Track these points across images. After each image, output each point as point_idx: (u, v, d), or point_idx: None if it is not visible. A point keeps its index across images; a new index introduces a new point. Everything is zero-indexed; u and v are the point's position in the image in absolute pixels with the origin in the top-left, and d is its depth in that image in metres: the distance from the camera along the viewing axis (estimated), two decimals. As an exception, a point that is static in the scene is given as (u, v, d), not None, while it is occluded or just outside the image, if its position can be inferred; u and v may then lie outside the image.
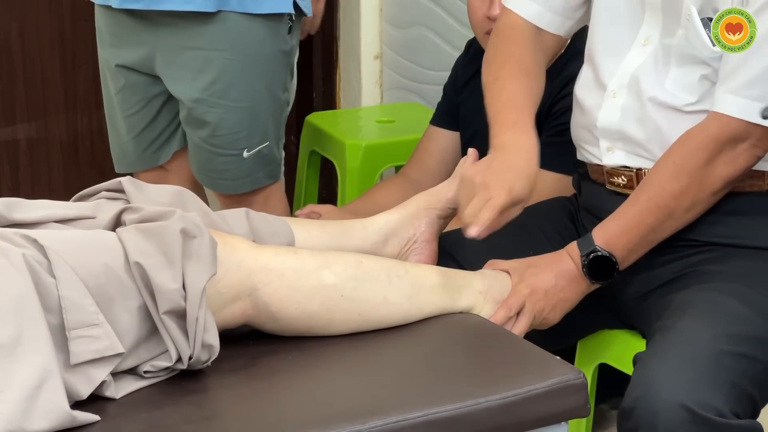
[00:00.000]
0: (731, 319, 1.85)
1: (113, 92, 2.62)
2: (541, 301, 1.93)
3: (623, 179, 2.05)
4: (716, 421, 1.73)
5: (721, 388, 1.76)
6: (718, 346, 1.80)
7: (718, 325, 1.83)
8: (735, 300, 1.88)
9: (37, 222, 1.71)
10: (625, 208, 1.96)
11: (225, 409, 1.64)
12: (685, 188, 1.93)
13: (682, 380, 1.75)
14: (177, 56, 2.47)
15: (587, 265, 1.94)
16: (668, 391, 1.74)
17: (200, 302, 1.63)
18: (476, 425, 1.61)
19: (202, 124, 2.49)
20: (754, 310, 1.87)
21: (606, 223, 1.97)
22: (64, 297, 1.56)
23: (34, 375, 1.50)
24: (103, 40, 2.61)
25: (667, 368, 1.77)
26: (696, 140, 1.92)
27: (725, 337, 1.81)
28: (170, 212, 1.70)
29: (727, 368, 1.78)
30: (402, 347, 1.82)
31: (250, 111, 2.49)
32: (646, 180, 1.96)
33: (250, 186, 2.57)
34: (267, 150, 2.54)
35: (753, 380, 1.81)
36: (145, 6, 2.44)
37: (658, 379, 1.76)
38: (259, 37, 2.45)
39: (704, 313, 1.86)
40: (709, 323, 1.84)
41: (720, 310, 1.86)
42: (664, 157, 1.95)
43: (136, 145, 2.64)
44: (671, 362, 1.78)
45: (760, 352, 1.83)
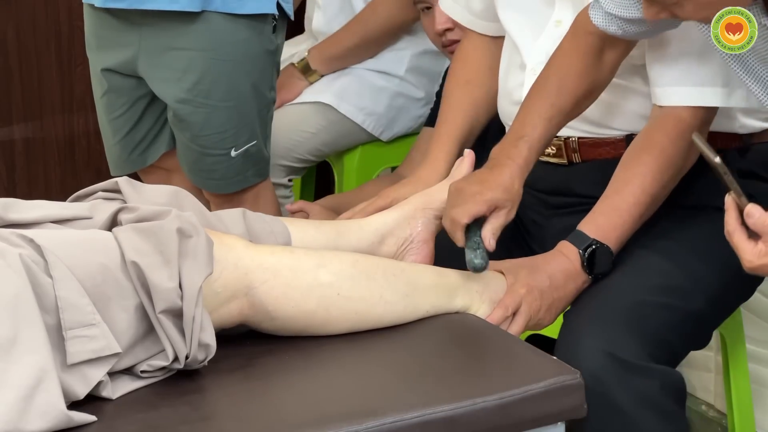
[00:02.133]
0: (653, 272, 1.97)
1: (99, 96, 2.62)
2: (537, 301, 1.93)
3: (552, 149, 2.18)
4: (636, 364, 1.84)
5: (640, 335, 1.87)
6: (638, 297, 1.92)
7: (639, 278, 1.95)
8: (658, 255, 1.99)
9: (33, 222, 1.71)
10: (616, 202, 1.99)
11: (221, 410, 1.63)
12: (674, 176, 2.01)
13: (602, 328, 1.86)
14: (160, 57, 2.47)
15: (587, 259, 1.96)
16: (589, 338, 1.85)
17: (197, 301, 1.63)
18: (473, 426, 1.61)
19: (188, 124, 2.49)
20: (675, 263, 1.98)
21: (596, 217, 1.99)
22: (61, 297, 1.56)
23: (30, 375, 1.50)
24: (90, 43, 2.61)
25: (589, 318, 1.89)
26: (676, 130, 1.98)
27: (646, 288, 1.94)
28: (166, 211, 1.70)
29: (646, 316, 1.90)
30: (398, 348, 1.82)
31: (236, 110, 2.49)
32: (637, 173, 1.99)
33: (240, 185, 2.57)
34: (255, 149, 2.53)
35: (672, 328, 1.93)
36: (127, 5, 2.43)
37: (579, 329, 1.88)
38: (242, 36, 2.45)
39: (629, 269, 1.98)
40: (632, 277, 1.96)
41: (643, 264, 1.98)
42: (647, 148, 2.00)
43: (122, 147, 2.64)
44: (593, 313, 1.90)
45: (680, 301, 1.94)
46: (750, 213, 1.68)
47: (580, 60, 2.01)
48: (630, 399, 1.84)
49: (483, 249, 1.90)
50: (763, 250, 1.68)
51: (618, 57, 2.03)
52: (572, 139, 2.16)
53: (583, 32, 2.00)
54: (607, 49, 2.01)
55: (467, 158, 2.08)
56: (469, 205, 1.91)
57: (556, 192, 2.22)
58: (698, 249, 2.02)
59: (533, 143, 1.98)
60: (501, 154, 1.98)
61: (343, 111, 3.06)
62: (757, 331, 2.65)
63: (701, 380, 2.86)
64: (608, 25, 1.96)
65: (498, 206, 1.93)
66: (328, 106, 3.06)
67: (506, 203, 1.93)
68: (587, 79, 2.02)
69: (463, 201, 1.92)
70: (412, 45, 3.08)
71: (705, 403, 2.86)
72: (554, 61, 2.04)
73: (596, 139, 2.16)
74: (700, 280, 1.99)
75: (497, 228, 1.93)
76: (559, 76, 2.01)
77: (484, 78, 2.33)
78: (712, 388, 2.83)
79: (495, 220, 1.93)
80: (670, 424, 1.89)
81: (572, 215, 2.14)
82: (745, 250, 1.70)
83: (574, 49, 2.01)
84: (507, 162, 1.96)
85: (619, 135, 2.15)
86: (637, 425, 1.85)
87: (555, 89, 2.01)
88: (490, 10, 2.30)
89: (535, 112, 2.00)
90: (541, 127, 1.99)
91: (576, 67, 2.01)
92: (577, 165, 2.18)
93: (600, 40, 2.00)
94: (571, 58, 2.01)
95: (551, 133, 2.02)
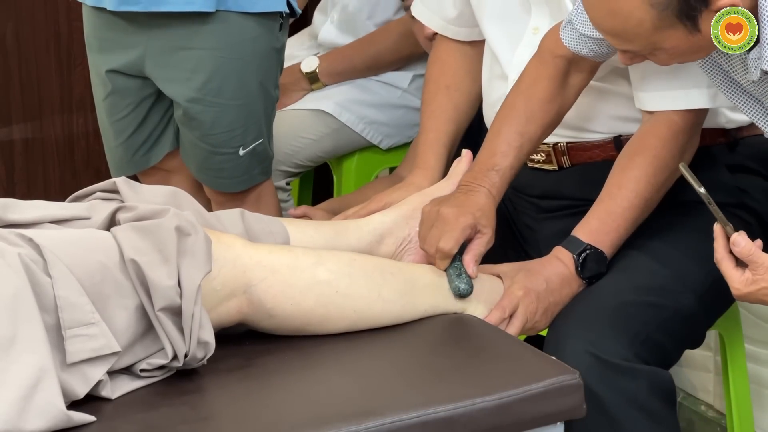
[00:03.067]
0: (639, 272, 1.98)
1: (101, 98, 2.61)
2: (533, 304, 1.93)
3: (541, 155, 2.19)
4: (621, 365, 1.85)
5: (625, 335, 1.88)
6: (622, 297, 1.93)
7: (625, 279, 1.96)
8: (646, 255, 2.00)
9: (32, 222, 1.71)
10: (610, 207, 2.00)
11: (221, 410, 1.64)
12: (668, 179, 2.02)
13: (586, 329, 1.88)
14: (170, 57, 2.46)
15: (582, 263, 1.96)
16: (574, 340, 1.86)
17: (196, 299, 1.63)
18: (472, 426, 1.61)
19: (198, 123, 2.49)
20: (662, 263, 1.99)
21: (590, 222, 2.00)
22: (60, 296, 1.56)
23: (29, 374, 1.50)
24: (91, 45, 2.59)
25: (574, 320, 1.90)
26: (668, 132, 2.00)
27: (631, 288, 1.95)
28: (165, 210, 1.70)
29: (631, 316, 1.91)
30: (397, 348, 1.82)
31: (245, 109, 2.49)
32: (630, 177, 2.00)
33: (247, 183, 2.57)
34: (261, 147, 2.54)
35: (660, 327, 1.93)
36: (143, 8, 2.42)
37: (565, 331, 1.89)
38: (253, 35, 2.45)
39: (616, 269, 1.99)
40: (618, 277, 1.97)
41: (630, 265, 1.99)
42: (641, 151, 2.01)
43: (125, 149, 2.63)
44: (578, 314, 1.91)
45: (667, 300, 1.95)
46: (735, 242, 1.71)
47: (548, 86, 2.02)
48: (617, 400, 1.85)
49: (466, 274, 1.90)
50: (749, 278, 1.71)
51: (584, 81, 2.04)
52: (560, 145, 2.17)
53: (551, 56, 2.01)
54: (573, 73, 2.03)
55: (465, 158, 2.08)
56: (455, 233, 1.89)
57: (547, 196, 2.22)
58: (687, 247, 2.02)
59: (504, 172, 1.99)
60: (474, 181, 1.98)
61: (344, 120, 3.06)
62: (755, 331, 2.65)
63: (700, 380, 2.86)
64: (579, 48, 1.96)
65: (480, 231, 1.93)
66: (329, 114, 3.07)
67: (487, 229, 1.93)
68: (554, 106, 2.03)
69: (447, 227, 1.90)
70: (418, 66, 3.09)
71: (704, 404, 2.86)
72: (521, 86, 2.04)
73: (584, 143, 2.17)
74: (689, 278, 1.99)
75: (479, 255, 1.92)
76: (527, 105, 2.02)
77: (463, 82, 2.33)
78: (711, 389, 2.83)
79: (477, 247, 1.92)
80: (659, 425, 1.89)
81: (565, 218, 2.15)
82: (733, 278, 1.72)
83: (542, 75, 2.02)
84: (480, 189, 1.97)
85: (607, 138, 2.15)
86: (624, 427, 1.86)
87: (524, 118, 2.01)
88: (464, 17, 2.31)
89: (504, 141, 2.00)
90: (511, 157, 2.00)
91: (544, 94, 2.01)
92: (567, 169, 2.19)
93: (567, 64, 2.01)
94: (538, 84, 2.02)
95: (521, 161, 2.02)
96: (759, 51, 1.69)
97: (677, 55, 1.77)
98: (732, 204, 2.07)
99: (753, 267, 1.71)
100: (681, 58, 1.78)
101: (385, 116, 3.09)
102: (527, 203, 2.25)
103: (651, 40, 1.72)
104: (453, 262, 1.91)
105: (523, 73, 2.06)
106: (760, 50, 1.69)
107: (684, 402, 2.87)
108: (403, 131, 3.11)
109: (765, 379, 2.66)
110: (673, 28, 1.69)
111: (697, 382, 2.87)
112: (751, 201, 2.13)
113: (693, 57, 1.78)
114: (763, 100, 1.83)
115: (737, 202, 2.10)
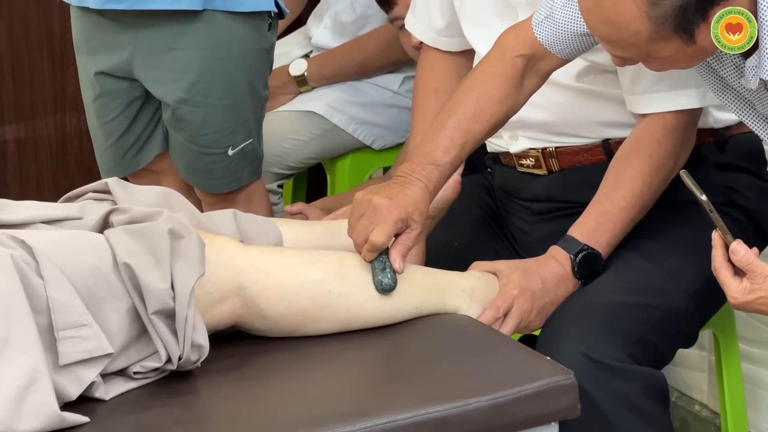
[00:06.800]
0: (632, 273, 1.99)
1: (90, 100, 2.60)
2: (528, 303, 1.93)
3: (531, 160, 2.21)
4: (613, 366, 1.86)
5: (618, 336, 1.89)
6: (615, 298, 1.94)
7: (618, 279, 1.97)
8: (640, 256, 2.01)
9: (24, 223, 1.71)
10: (606, 207, 2.00)
11: (215, 411, 1.63)
12: (664, 179, 2.02)
13: (579, 330, 1.88)
14: (158, 57, 2.45)
15: (578, 263, 1.96)
16: (567, 340, 1.87)
17: (189, 302, 1.63)
18: (466, 426, 1.61)
19: (186, 124, 2.48)
20: (656, 263, 2.00)
21: (586, 222, 2.00)
22: (53, 298, 1.56)
23: (22, 375, 1.50)
24: (79, 47, 2.58)
25: (566, 320, 1.91)
26: (663, 132, 2.01)
27: (624, 289, 1.96)
28: (158, 213, 1.70)
29: (623, 317, 1.91)
30: (391, 348, 1.82)
31: (234, 109, 2.48)
32: (627, 177, 2.00)
33: (237, 183, 2.57)
34: (251, 147, 2.53)
35: (653, 328, 1.94)
36: (128, 6, 2.41)
37: (558, 331, 1.90)
38: (241, 35, 2.44)
39: (609, 270, 1.99)
40: (611, 278, 1.98)
41: (623, 265, 2.00)
42: (636, 152, 2.01)
43: (115, 151, 2.62)
44: (571, 315, 1.92)
45: (659, 300, 1.96)
46: (735, 251, 1.70)
47: (502, 85, 1.97)
48: (610, 400, 1.85)
49: (391, 268, 1.85)
50: (747, 288, 1.70)
51: (537, 85, 2.00)
52: (549, 149, 2.17)
53: (511, 54, 1.97)
54: (529, 75, 1.98)
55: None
56: (387, 226, 1.84)
57: (538, 199, 2.22)
58: (680, 247, 2.03)
59: (444, 168, 1.94)
60: (411, 174, 1.92)
61: (335, 121, 3.06)
62: (750, 331, 2.65)
63: (695, 380, 2.86)
64: (554, 44, 1.93)
65: (410, 226, 1.88)
66: (320, 116, 3.06)
67: (417, 225, 1.88)
68: (505, 106, 1.98)
69: (378, 219, 1.85)
70: (408, 68, 3.08)
71: (698, 403, 2.86)
72: (474, 83, 1.99)
73: (573, 147, 2.17)
74: (682, 278, 2.00)
75: (407, 250, 1.88)
76: (478, 102, 1.97)
77: (452, 85, 2.30)
78: (706, 388, 2.84)
79: (405, 242, 1.87)
80: (652, 426, 1.89)
81: (557, 220, 2.16)
82: (731, 287, 1.72)
83: (498, 74, 1.97)
84: (417, 183, 1.91)
85: (596, 141, 2.15)
86: (617, 427, 1.86)
87: (471, 115, 1.96)
88: (452, 27, 2.30)
89: (449, 137, 1.95)
90: (453, 154, 1.94)
91: (497, 94, 1.97)
92: (557, 173, 2.19)
93: (525, 64, 1.97)
94: (492, 83, 1.97)
95: (461, 159, 1.97)
96: (758, 59, 1.69)
97: (670, 64, 1.76)
98: (722, 203, 2.07)
99: (751, 276, 1.70)
100: (674, 66, 1.78)
101: (376, 117, 3.09)
102: (518, 206, 2.25)
103: (646, 50, 1.71)
104: (379, 255, 1.86)
105: (477, 68, 2.02)
106: (759, 58, 1.69)
107: (678, 402, 2.87)
108: (396, 131, 3.11)
109: (759, 379, 2.66)
110: (669, 40, 1.68)
111: (692, 381, 2.87)
112: (741, 199, 2.13)
113: (686, 65, 1.78)
114: (756, 104, 1.83)
115: (727, 200, 2.11)
